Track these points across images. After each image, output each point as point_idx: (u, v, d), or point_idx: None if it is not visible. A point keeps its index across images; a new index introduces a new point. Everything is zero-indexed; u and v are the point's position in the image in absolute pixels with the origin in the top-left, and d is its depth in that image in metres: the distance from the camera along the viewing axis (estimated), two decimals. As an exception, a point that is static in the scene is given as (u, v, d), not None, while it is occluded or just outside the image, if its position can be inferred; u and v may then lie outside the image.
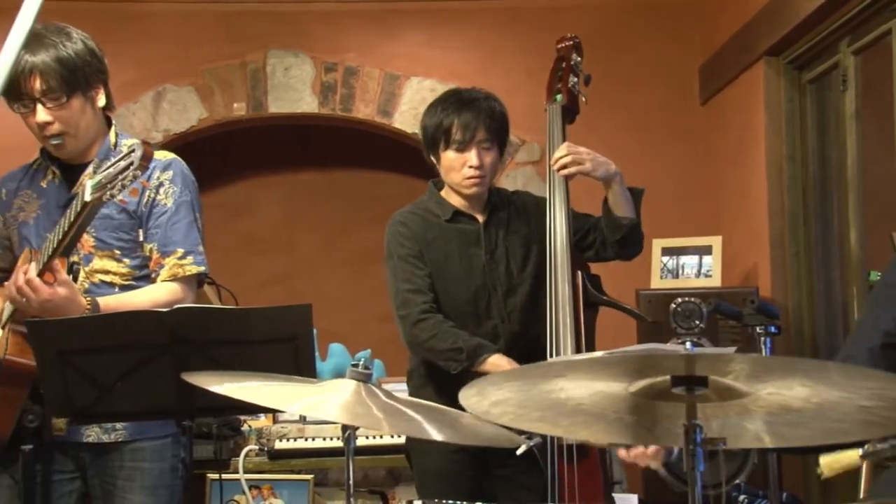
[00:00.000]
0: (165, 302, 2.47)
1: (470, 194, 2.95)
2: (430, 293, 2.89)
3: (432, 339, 2.82)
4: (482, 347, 2.80)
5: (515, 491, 2.87)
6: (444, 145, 2.91)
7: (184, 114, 4.99)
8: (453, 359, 2.80)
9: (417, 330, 2.85)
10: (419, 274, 2.89)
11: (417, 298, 2.87)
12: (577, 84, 3.06)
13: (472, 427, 1.99)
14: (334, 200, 5.88)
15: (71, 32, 2.59)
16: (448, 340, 2.81)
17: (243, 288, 3.84)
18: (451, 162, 2.91)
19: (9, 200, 2.72)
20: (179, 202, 2.66)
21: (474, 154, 2.88)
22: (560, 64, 3.09)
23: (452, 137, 2.89)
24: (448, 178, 2.95)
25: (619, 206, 2.86)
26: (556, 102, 3.01)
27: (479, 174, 2.90)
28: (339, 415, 1.91)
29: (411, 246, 2.92)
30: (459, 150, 2.89)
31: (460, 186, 2.93)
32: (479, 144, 2.89)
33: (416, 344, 2.89)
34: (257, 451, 4.00)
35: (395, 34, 5.12)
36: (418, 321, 2.84)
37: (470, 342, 2.80)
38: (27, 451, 2.36)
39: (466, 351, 2.78)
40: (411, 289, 2.88)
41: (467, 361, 2.78)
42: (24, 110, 2.56)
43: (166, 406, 2.32)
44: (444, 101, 2.97)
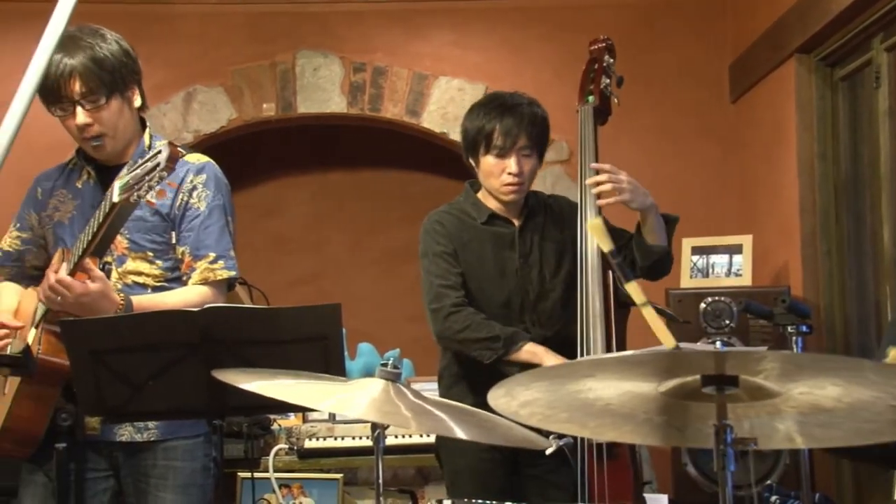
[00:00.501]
0: (196, 304, 2.48)
1: (507, 201, 2.94)
2: (463, 290, 2.89)
3: (466, 330, 2.83)
4: (518, 335, 2.81)
5: (546, 490, 2.86)
6: (484, 150, 2.90)
7: (214, 114, 5.02)
8: (489, 347, 2.80)
9: (450, 322, 2.85)
10: (453, 272, 2.90)
11: (450, 292, 2.87)
12: (610, 85, 3.05)
13: (501, 428, 1.98)
14: (363, 200, 5.90)
15: (105, 34, 2.61)
16: (483, 330, 2.81)
17: (273, 287, 3.87)
18: (491, 167, 2.90)
19: (44, 200, 2.75)
20: (212, 206, 2.67)
21: (514, 161, 2.88)
22: (592, 65, 3.08)
23: (493, 143, 2.88)
24: (487, 182, 2.95)
25: (652, 235, 2.87)
26: (589, 104, 3.00)
27: (518, 181, 2.89)
28: (368, 413, 1.92)
29: (446, 244, 2.93)
30: (499, 157, 2.88)
31: (498, 192, 2.93)
32: (519, 151, 2.88)
33: (447, 336, 2.88)
34: (287, 450, 4.02)
35: (423, 34, 5.12)
36: (451, 313, 2.85)
37: (506, 330, 2.81)
38: (61, 450, 2.38)
39: (503, 338, 2.79)
40: (445, 284, 2.88)
41: (503, 349, 2.78)
42: (63, 113, 2.58)
43: (197, 405, 2.33)
44: (487, 105, 2.96)
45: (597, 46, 3.13)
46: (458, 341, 2.86)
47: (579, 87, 3.05)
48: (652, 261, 2.88)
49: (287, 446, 4.03)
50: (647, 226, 2.86)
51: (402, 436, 3.99)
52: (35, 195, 2.78)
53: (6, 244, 2.80)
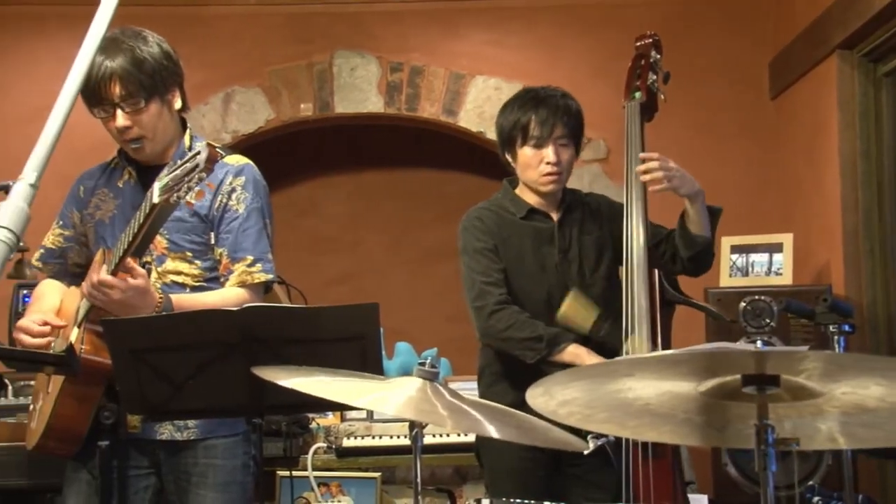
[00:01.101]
0: (234, 306, 2.49)
1: (546, 191, 2.94)
2: (505, 287, 2.89)
3: (510, 329, 2.82)
4: (562, 336, 2.80)
5: (587, 490, 2.85)
6: (521, 142, 2.91)
7: (252, 115, 5.05)
8: (532, 347, 2.79)
9: (494, 320, 2.85)
10: (495, 268, 2.90)
11: (493, 290, 2.87)
12: (656, 82, 3.04)
13: (538, 429, 1.98)
14: (399, 200, 5.91)
15: (147, 36, 2.63)
16: (527, 329, 2.81)
17: (310, 287, 3.89)
18: (529, 159, 2.91)
19: (86, 198, 2.78)
20: (251, 208, 2.69)
21: (551, 150, 2.88)
22: (639, 61, 3.07)
23: (530, 134, 2.89)
24: (525, 175, 2.95)
25: (696, 225, 2.85)
26: (635, 100, 2.99)
27: (557, 170, 2.90)
28: (406, 412, 1.92)
29: (487, 240, 2.93)
30: (537, 147, 2.89)
31: (537, 184, 2.93)
32: (556, 141, 2.89)
33: (491, 335, 2.88)
34: (325, 449, 4.04)
35: (460, 33, 5.12)
36: (494, 311, 2.85)
37: (549, 330, 2.81)
38: (104, 448, 2.41)
39: (546, 339, 2.78)
40: (487, 281, 2.88)
41: (546, 350, 2.77)
42: (104, 115, 2.60)
43: (237, 404, 2.35)
44: (521, 98, 2.97)
45: (643, 42, 3.12)
46: (502, 340, 2.86)
47: (625, 83, 3.04)
48: (695, 251, 2.85)
49: (325, 445, 4.04)
50: (692, 214, 2.84)
51: (440, 435, 3.99)
52: (77, 193, 2.81)
53: (49, 241, 2.84)
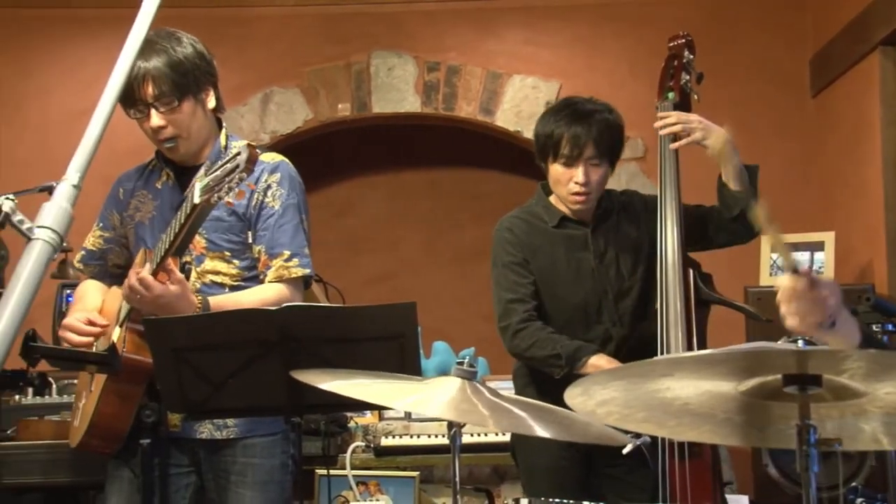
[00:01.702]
0: (273, 301, 2.51)
1: (574, 210, 2.92)
2: (533, 301, 2.87)
3: (532, 348, 2.83)
4: (581, 350, 2.79)
5: (624, 490, 2.84)
6: (552, 157, 2.87)
7: (290, 115, 5.08)
8: (553, 365, 2.80)
9: (518, 340, 2.85)
10: (522, 282, 2.88)
11: (518, 308, 2.86)
12: (690, 82, 3.01)
13: (579, 425, 1.97)
14: (437, 199, 5.91)
15: (181, 37, 2.65)
16: (547, 348, 2.80)
17: (348, 286, 3.91)
18: (558, 175, 2.88)
19: (126, 200, 2.81)
20: (286, 205, 2.70)
21: (581, 171, 2.83)
22: (672, 62, 3.05)
23: (560, 151, 2.84)
24: (555, 189, 2.93)
25: (734, 181, 2.81)
26: (668, 100, 2.97)
27: (585, 191, 2.85)
28: (445, 412, 1.92)
29: (516, 253, 2.91)
30: (566, 166, 2.85)
31: (565, 201, 2.91)
32: (587, 161, 2.84)
33: (517, 354, 2.91)
34: (364, 448, 4.05)
35: (497, 32, 5.11)
36: (517, 331, 2.85)
37: (568, 347, 2.79)
38: (145, 446, 2.43)
39: (565, 357, 2.78)
40: (513, 298, 2.88)
41: (567, 367, 2.77)
42: (139, 115, 2.63)
43: (275, 403, 2.36)
44: (559, 111, 2.91)
45: (676, 42, 3.09)
46: (528, 358, 2.88)
47: (658, 84, 3.02)
48: (739, 209, 2.79)
49: (364, 444, 4.06)
50: (727, 169, 2.81)
51: (478, 434, 3.99)
52: (117, 195, 2.84)
53: (90, 243, 2.87)
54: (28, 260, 1.17)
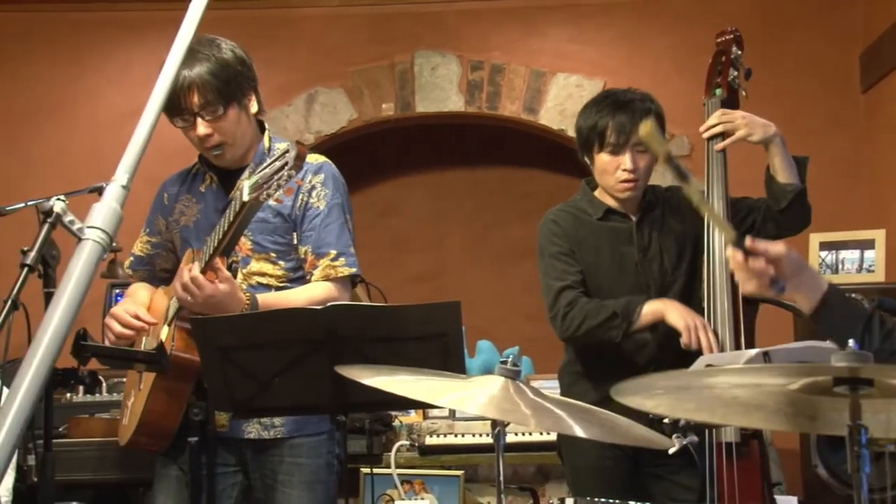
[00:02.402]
0: (321, 300, 2.52)
1: (623, 198, 2.91)
2: (582, 288, 2.87)
3: (585, 321, 2.79)
4: (631, 302, 2.77)
5: (671, 490, 2.81)
6: (598, 147, 2.87)
7: (334, 115, 5.11)
8: (612, 327, 2.76)
9: (568, 321, 2.82)
10: (571, 271, 2.87)
11: (568, 293, 2.85)
12: (737, 78, 2.98)
13: (621, 426, 1.96)
14: (480, 198, 5.91)
15: (221, 43, 2.65)
16: (600, 314, 2.78)
17: (391, 285, 3.91)
18: (605, 165, 2.87)
19: (171, 204, 2.84)
20: (331, 204, 2.71)
21: (628, 158, 2.83)
22: (720, 58, 3.02)
23: (607, 140, 2.84)
24: (602, 180, 2.92)
25: (782, 172, 2.78)
26: (716, 97, 2.95)
27: (633, 178, 2.85)
28: (488, 410, 1.92)
29: (562, 244, 2.91)
30: (613, 153, 2.84)
31: (613, 190, 2.89)
32: (633, 148, 2.83)
33: (571, 335, 2.85)
34: (408, 447, 4.06)
35: (540, 31, 5.10)
36: (566, 313, 2.83)
37: (618, 304, 2.77)
38: (193, 444, 2.45)
39: (620, 313, 2.75)
40: (562, 286, 2.86)
41: (625, 322, 2.75)
42: (185, 124, 2.64)
43: (321, 402, 2.37)
44: (600, 102, 2.92)
45: (724, 38, 3.06)
46: (583, 335, 2.83)
47: (706, 80, 2.99)
48: (787, 201, 2.76)
49: (408, 443, 4.07)
50: (774, 161, 2.78)
51: (523, 433, 3.98)
52: (162, 200, 2.87)
53: (138, 249, 2.90)
54: (78, 260, 1.18)
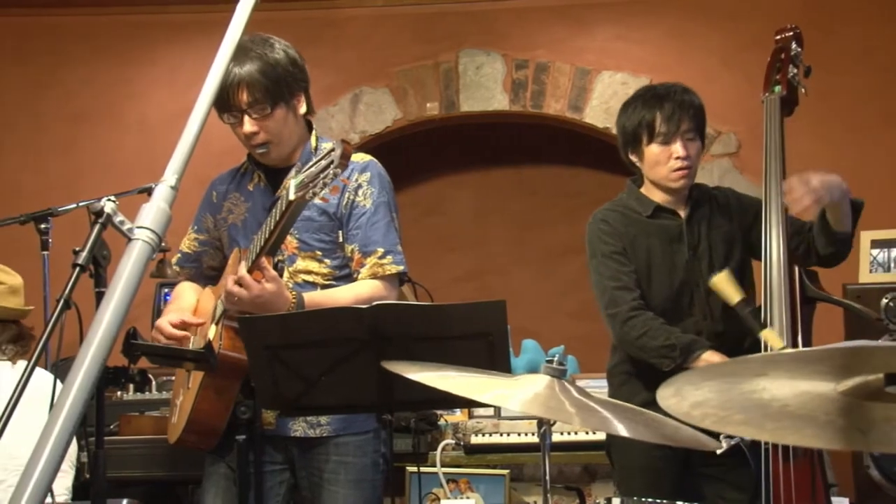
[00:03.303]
0: (368, 298, 2.53)
1: (677, 187, 2.89)
2: (638, 289, 2.85)
3: (643, 337, 2.78)
4: (695, 343, 2.75)
5: (724, 490, 2.78)
6: (647, 139, 2.87)
7: (379, 115, 5.13)
8: (666, 356, 2.75)
9: (627, 328, 2.82)
10: (625, 270, 2.86)
11: (626, 295, 2.83)
12: (797, 75, 2.95)
13: (668, 427, 1.94)
14: (525, 197, 5.90)
15: (274, 43, 2.69)
16: (660, 337, 2.76)
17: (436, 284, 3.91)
18: (657, 156, 2.87)
19: (219, 203, 2.87)
20: (378, 203, 2.72)
21: (680, 145, 2.84)
22: (779, 54, 2.99)
23: (657, 130, 2.84)
24: (654, 172, 2.90)
25: (838, 221, 2.75)
26: (775, 94, 2.92)
27: (686, 165, 2.86)
28: (532, 408, 1.92)
29: (614, 243, 2.89)
30: (665, 143, 2.85)
31: (667, 180, 2.88)
32: (683, 135, 2.85)
33: (626, 342, 2.85)
34: (454, 446, 4.06)
35: (586, 29, 5.08)
36: (628, 318, 2.81)
37: (683, 339, 2.75)
38: (241, 442, 2.47)
39: (679, 347, 2.73)
40: (618, 286, 2.85)
41: (680, 358, 2.73)
42: (233, 121, 2.68)
43: (367, 400, 2.38)
44: (641, 97, 2.94)
45: (784, 35, 3.03)
46: (637, 347, 2.82)
47: (765, 77, 2.96)
48: (834, 248, 2.77)
49: (454, 442, 4.07)
50: (835, 213, 2.75)
51: (569, 433, 3.97)
52: (210, 199, 2.90)
53: (185, 246, 2.94)
54: (128, 259, 1.20)
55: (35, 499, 1.03)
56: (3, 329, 2.81)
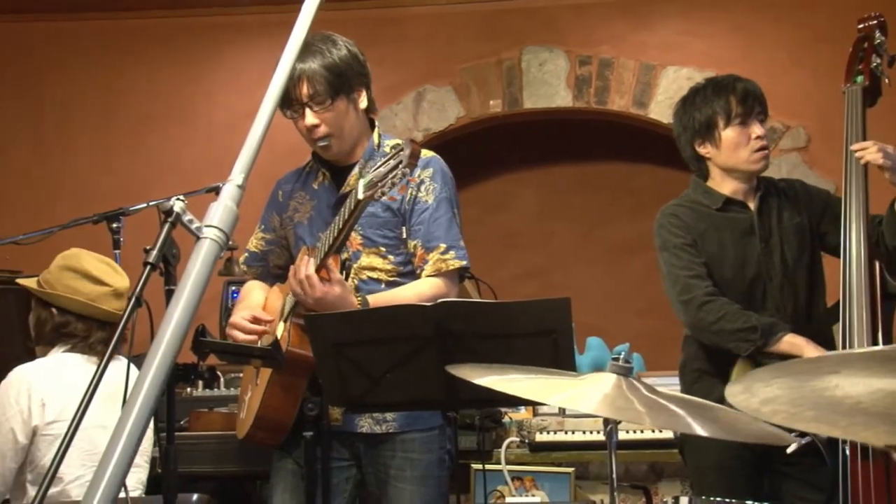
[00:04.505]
0: (430, 296, 2.54)
1: (758, 168, 2.89)
2: (710, 280, 2.83)
3: (721, 321, 2.75)
4: (777, 325, 2.71)
5: (801, 490, 2.74)
6: (724, 124, 2.86)
7: (442, 113, 5.14)
8: (745, 339, 2.71)
9: (703, 313, 2.78)
10: (697, 261, 2.84)
11: (699, 283, 2.81)
12: (881, 65, 2.90)
13: (741, 423, 1.91)
14: (589, 193, 5.86)
15: (336, 39, 2.71)
16: (739, 320, 2.73)
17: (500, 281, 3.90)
18: (736, 138, 2.86)
19: (285, 202, 2.90)
20: (440, 199, 2.73)
21: (757, 125, 2.86)
22: (861, 44, 2.94)
23: (734, 113, 2.85)
24: (734, 157, 2.87)
25: None
26: (857, 84, 2.87)
27: (766, 144, 2.88)
28: (600, 408, 1.90)
29: (685, 235, 2.87)
30: (743, 124, 2.85)
31: (748, 162, 2.86)
32: (757, 115, 2.87)
33: (701, 327, 2.81)
34: (518, 443, 4.06)
35: (650, 23, 5.03)
36: (704, 303, 2.78)
37: (763, 320, 2.72)
38: (309, 438, 2.50)
39: (761, 329, 2.70)
40: (692, 274, 2.83)
41: (762, 340, 2.69)
42: (295, 115, 2.71)
43: (432, 397, 2.39)
44: (703, 90, 2.94)
45: (867, 24, 2.98)
46: (713, 332, 2.78)
47: (846, 67, 2.92)
48: None
49: (518, 439, 4.06)
50: None
51: (635, 431, 3.93)
52: (276, 198, 2.93)
53: (252, 245, 2.97)
54: (197, 258, 1.21)
55: (108, 493, 1.05)
56: (100, 329, 2.87)
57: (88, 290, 2.84)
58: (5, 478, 2.73)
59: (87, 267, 2.87)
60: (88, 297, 2.84)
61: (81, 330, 2.86)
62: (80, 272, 2.86)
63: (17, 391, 2.72)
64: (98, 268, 2.89)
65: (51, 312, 2.87)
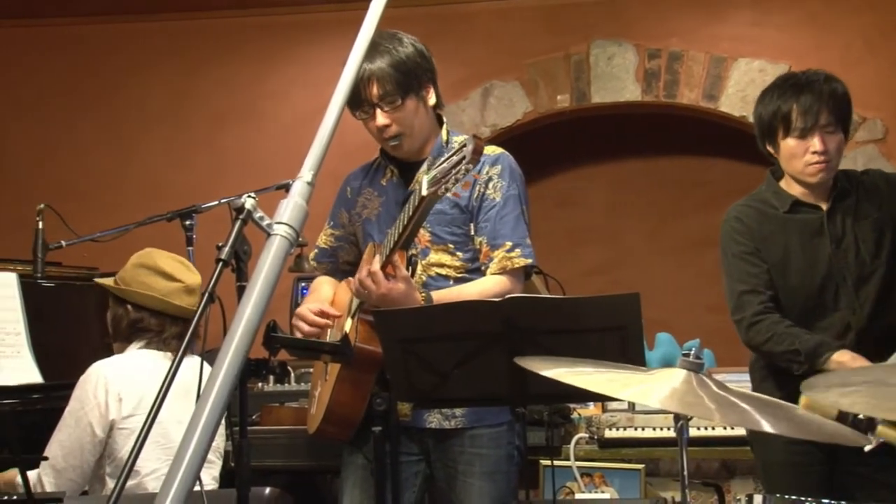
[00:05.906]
0: (494, 294, 2.54)
1: (815, 182, 2.79)
2: (768, 291, 2.78)
3: (769, 343, 2.73)
4: (822, 346, 2.66)
5: (874, 490, 2.68)
6: (783, 133, 2.77)
7: (510, 108, 5.13)
8: (792, 360, 2.69)
9: (753, 333, 2.77)
10: (754, 272, 2.79)
11: (752, 300, 2.77)
12: None
13: (812, 422, 1.88)
14: (658, 188, 5.80)
15: (402, 38, 2.72)
16: (784, 342, 2.70)
17: (568, 277, 3.89)
18: (793, 149, 2.77)
19: (353, 198, 2.92)
20: (507, 196, 2.72)
21: (818, 140, 2.73)
22: None
23: (793, 124, 2.74)
24: (790, 166, 2.81)
25: None
26: None
27: (824, 159, 2.74)
28: (670, 404, 1.88)
29: (746, 242, 2.82)
30: (801, 137, 2.74)
31: (804, 175, 2.78)
32: (822, 129, 2.73)
33: (753, 347, 2.83)
34: (587, 439, 4.03)
35: (720, 15, 4.95)
36: (752, 324, 2.76)
37: (807, 343, 2.67)
38: (378, 433, 2.51)
39: (804, 353, 2.66)
40: (746, 290, 2.79)
41: (807, 363, 2.65)
42: (365, 116, 2.72)
43: (500, 393, 2.39)
44: (780, 86, 2.83)
45: None
46: (764, 353, 2.79)
47: None
48: None
49: (587, 435, 4.04)
50: None
51: (706, 427, 3.89)
52: (345, 194, 2.95)
53: (322, 241, 3.00)
54: (268, 254, 1.23)
55: (183, 487, 1.07)
56: (173, 324, 2.93)
57: (161, 286, 2.90)
58: (83, 470, 2.79)
59: (159, 264, 2.93)
60: (161, 292, 2.89)
61: (155, 325, 2.91)
62: (154, 269, 2.92)
63: (94, 386, 2.79)
64: (170, 265, 2.94)
65: (126, 309, 2.94)
